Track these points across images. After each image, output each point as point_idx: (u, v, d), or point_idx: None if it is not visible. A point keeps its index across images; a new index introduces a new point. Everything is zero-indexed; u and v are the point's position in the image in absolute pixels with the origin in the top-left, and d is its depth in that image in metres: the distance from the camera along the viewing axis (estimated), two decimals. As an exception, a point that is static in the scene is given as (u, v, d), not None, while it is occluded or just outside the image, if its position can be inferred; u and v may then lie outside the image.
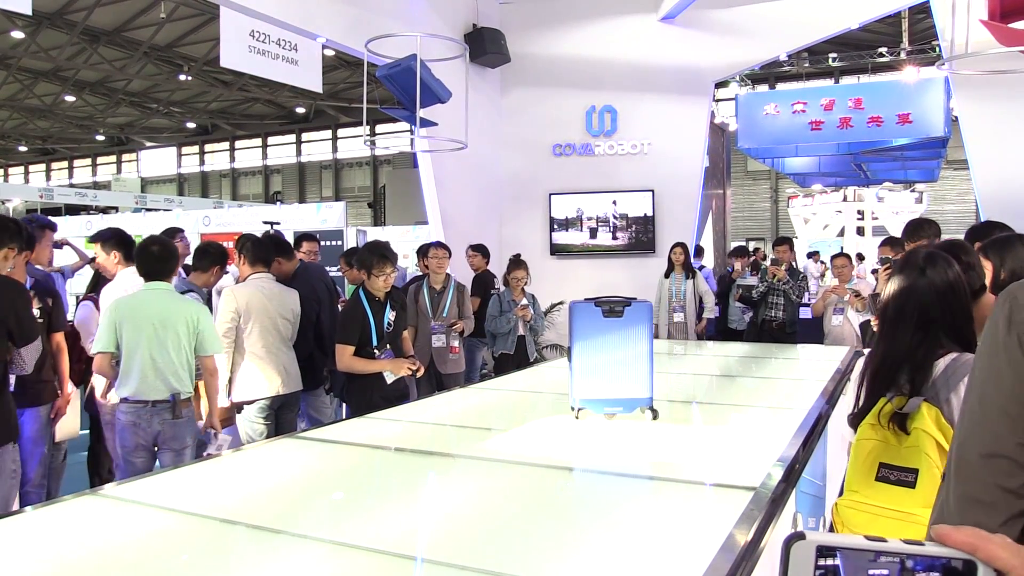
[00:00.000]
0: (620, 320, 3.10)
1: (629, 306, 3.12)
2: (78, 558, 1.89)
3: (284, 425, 4.77)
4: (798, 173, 18.74)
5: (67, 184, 42.14)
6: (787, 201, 26.43)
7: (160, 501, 2.27)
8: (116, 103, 32.56)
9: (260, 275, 4.83)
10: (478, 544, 1.94)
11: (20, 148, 40.95)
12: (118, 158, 43.87)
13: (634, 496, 2.40)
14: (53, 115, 33.88)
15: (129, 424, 3.93)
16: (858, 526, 2.13)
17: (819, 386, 4.02)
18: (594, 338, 3.10)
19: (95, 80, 30.02)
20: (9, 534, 2.05)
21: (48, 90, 30.44)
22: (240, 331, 4.63)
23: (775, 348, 6.44)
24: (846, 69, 26.29)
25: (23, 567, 1.83)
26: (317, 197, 37.26)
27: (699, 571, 1.68)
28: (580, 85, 9.67)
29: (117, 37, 25.24)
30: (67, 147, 42.40)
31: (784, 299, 7.83)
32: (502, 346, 6.48)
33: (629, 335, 3.10)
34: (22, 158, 44.26)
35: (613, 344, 3.09)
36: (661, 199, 9.47)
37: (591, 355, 3.11)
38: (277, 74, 7.76)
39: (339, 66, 26.27)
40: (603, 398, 3.12)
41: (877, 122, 12.04)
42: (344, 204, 16.54)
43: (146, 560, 1.87)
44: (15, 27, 22.91)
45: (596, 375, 3.09)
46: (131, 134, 39.35)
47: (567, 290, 6.86)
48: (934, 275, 2.20)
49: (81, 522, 2.14)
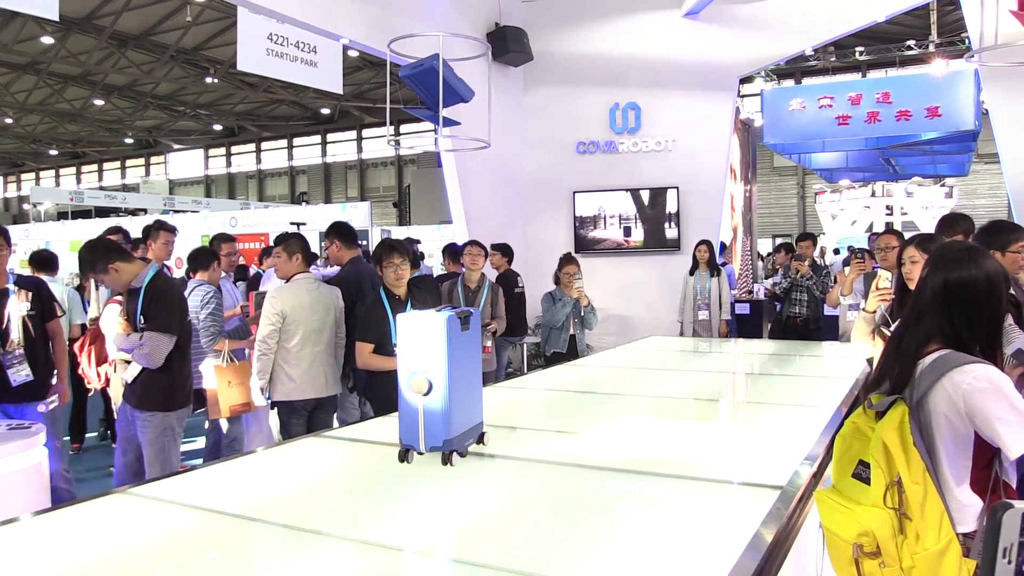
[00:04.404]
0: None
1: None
2: (108, 555, 1.91)
3: (318, 425, 4.76)
4: (825, 168, 18.57)
5: (97, 187, 42.76)
6: (814, 197, 26.20)
7: (187, 499, 2.30)
8: (144, 106, 32.94)
9: (305, 275, 4.84)
10: (504, 543, 1.93)
11: (51, 152, 41.55)
12: (147, 160, 44.38)
13: (660, 495, 2.39)
14: (83, 119, 34.34)
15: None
16: (823, 517, 2.11)
17: (846, 383, 3.98)
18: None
19: (123, 84, 30.38)
20: (38, 531, 2.09)
21: (78, 94, 30.86)
22: (282, 333, 4.64)
23: (800, 345, 6.37)
24: (873, 63, 25.98)
25: (53, 564, 1.85)
26: (343, 197, 37.46)
27: (725, 569, 1.67)
28: (603, 82, 9.65)
29: (144, 41, 25.52)
30: (97, 150, 42.96)
31: (808, 295, 7.75)
32: (555, 345, 6.45)
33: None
34: (53, 161, 44.92)
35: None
36: (686, 196, 9.43)
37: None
38: (296, 76, 7.79)
39: (363, 66, 26.40)
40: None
41: (906, 116, 11.87)
42: (369, 204, 16.63)
43: (174, 557, 1.89)
44: (45, 32, 23.24)
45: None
46: (159, 137, 39.78)
47: (593, 289, 6.84)
48: (944, 272, 2.16)
49: (110, 520, 2.17)
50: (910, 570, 1.95)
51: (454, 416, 2.41)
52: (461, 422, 2.47)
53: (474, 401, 2.62)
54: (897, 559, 1.96)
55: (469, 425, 2.55)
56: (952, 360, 2.05)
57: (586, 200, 9.77)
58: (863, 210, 22.91)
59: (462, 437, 2.49)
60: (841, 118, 12.38)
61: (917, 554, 1.95)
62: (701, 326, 8.09)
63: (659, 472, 2.52)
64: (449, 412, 2.39)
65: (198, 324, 5.01)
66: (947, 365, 2.05)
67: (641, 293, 9.51)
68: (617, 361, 5.34)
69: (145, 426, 4.15)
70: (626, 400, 3.94)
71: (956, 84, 11.90)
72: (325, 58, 7.97)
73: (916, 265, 3.48)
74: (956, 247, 2.27)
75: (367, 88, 30.14)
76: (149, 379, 4.12)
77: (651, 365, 5.29)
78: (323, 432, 3.29)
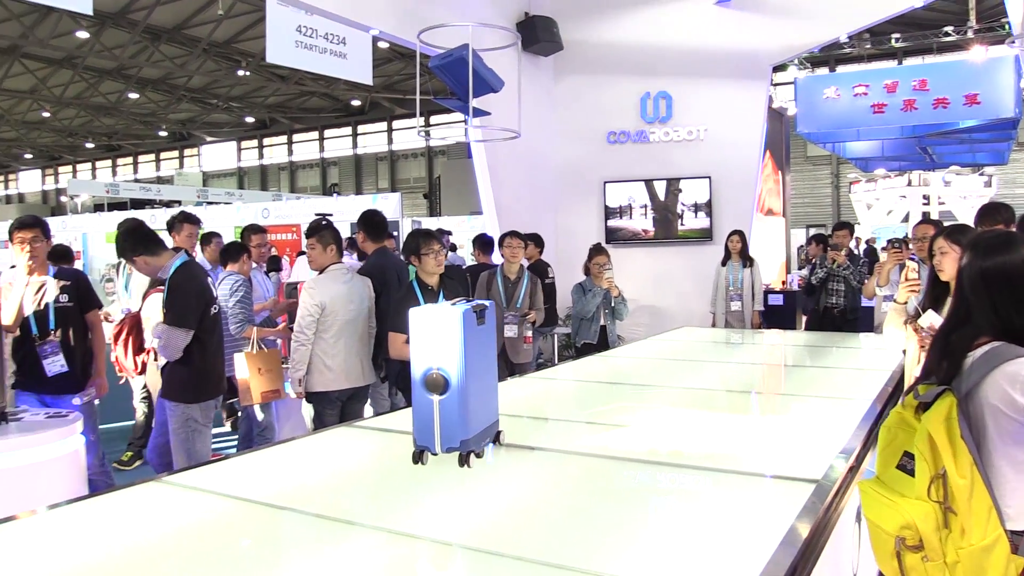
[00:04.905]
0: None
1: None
2: (143, 542, 1.93)
3: (350, 415, 4.79)
4: (860, 158, 18.29)
5: (132, 179, 43.31)
6: (849, 186, 25.82)
7: (221, 488, 2.32)
8: (177, 99, 33.30)
9: (339, 266, 4.85)
10: (535, 534, 1.92)
11: (87, 145, 42.20)
12: (180, 153, 44.89)
13: (692, 487, 2.36)
14: (118, 112, 34.79)
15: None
16: (865, 508, 2.07)
17: (882, 375, 3.92)
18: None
19: (157, 77, 30.72)
20: (74, 519, 2.11)
21: (112, 88, 31.25)
22: (319, 324, 4.66)
23: (835, 336, 6.29)
24: (910, 50, 25.50)
25: (89, 550, 1.87)
26: (373, 189, 37.62)
27: (760, 565, 1.65)
28: (634, 71, 9.56)
29: (177, 35, 25.78)
30: (132, 143, 43.49)
31: (845, 285, 7.63)
32: (585, 336, 6.43)
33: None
34: (89, 154, 45.60)
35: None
36: (718, 186, 9.33)
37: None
38: (325, 68, 7.80)
39: (393, 58, 26.43)
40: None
41: (943, 104, 11.67)
42: (399, 195, 16.64)
43: (207, 545, 1.91)
44: (80, 27, 23.56)
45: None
46: (192, 129, 40.22)
47: (623, 279, 6.80)
48: (980, 260, 2.09)
49: (145, 508, 2.20)
50: (954, 565, 1.90)
51: (471, 415, 2.29)
52: (478, 421, 2.36)
53: (490, 399, 2.50)
54: (941, 553, 1.91)
55: (486, 424, 2.44)
56: (1006, 352, 1.98)
57: (617, 190, 9.71)
58: (899, 200, 22.53)
59: (479, 437, 2.37)
60: (876, 106, 12.19)
61: (962, 549, 1.90)
62: (734, 317, 8.02)
63: (691, 464, 2.50)
64: (466, 411, 2.27)
65: (227, 312, 5.06)
66: (1000, 357, 1.97)
67: (673, 284, 9.44)
68: (649, 352, 5.31)
69: (170, 415, 4.26)
70: (658, 391, 3.92)
71: (996, 71, 11.66)
72: (355, 49, 7.98)
73: (946, 256, 3.41)
74: (992, 234, 2.21)
75: (397, 79, 30.18)
76: (172, 371, 4.22)
77: (683, 356, 5.25)
78: (355, 422, 3.30)
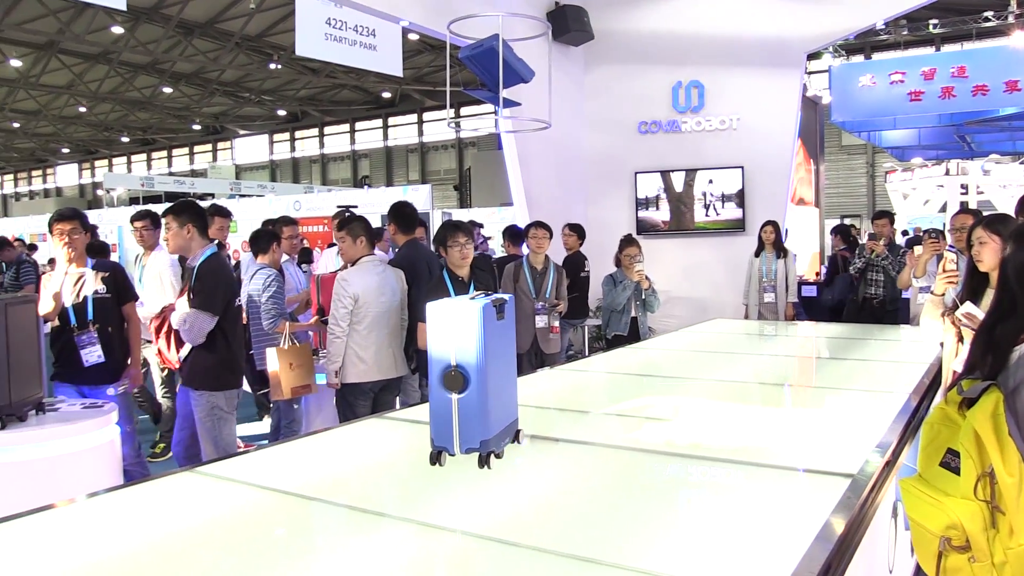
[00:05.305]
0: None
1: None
2: (175, 531, 1.94)
3: (382, 407, 4.79)
4: (896, 147, 18.00)
5: (167, 172, 43.85)
6: (884, 176, 25.44)
7: (252, 479, 2.33)
8: (210, 93, 33.65)
9: (371, 258, 4.87)
10: (566, 528, 1.91)
11: (123, 139, 42.79)
12: (213, 146, 45.37)
13: (724, 481, 2.33)
14: (152, 106, 35.25)
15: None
16: (907, 507, 2.02)
17: (919, 368, 3.85)
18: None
19: (190, 72, 31.06)
20: (109, 508, 2.14)
21: (147, 82, 31.65)
22: (352, 316, 4.69)
23: (870, 328, 6.20)
24: (948, 36, 25.00)
25: (124, 539, 1.89)
26: (404, 181, 37.74)
27: (793, 560, 1.62)
28: (666, 60, 9.47)
29: (210, 29, 26.03)
30: (166, 137, 44.06)
31: (884, 276, 7.50)
32: (615, 327, 6.41)
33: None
34: (125, 148, 46.24)
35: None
36: (751, 176, 9.23)
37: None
38: (355, 60, 7.79)
39: (423, 50, 26.46)
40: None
41: (983, 91, 11.43)
42: (430, 187, 16.69)
43: (239, 535, 1.92)
44: (115, 23, 23.87)
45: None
46: (225, 123, 40.63)
47: (655, 271, 6.75)
48: (1018, 252, 2.03)
49: (178, 498, 2.22)
50: (1002, 566, 1.85)
51: (492, 414, 2.20)
52: (498, 420, 2.27)
53: (510, 396, 2.41)
54: (988, 554, 1.86)
55: (506, 423, 2.35)
56: None
57: (648, 181, 9.64)
58: (936, 189, 22.13)
59: (500, 436, 2.28)
60: (913, 94, 11.98)
61: (1011, 549, 1.85)
62: (767, 309, 7.94)
63: (722, 458, 2.47)
64: (486, 410, 2.18)
65: (260, 307, 5.10)
66: None
67: (705, 275, 9.36)
68: (680, 344, 5.26)
69: (195, 404, 4.32)
70: (690, 384, 3.88)
71: (1038, 56, 11.41)
72: (384, 41, 7.96)
73: (984, 246, 3.33)
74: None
75: (427, 71, 30.23)
76: (196, 358, 4.29)
77: (715, 348, 5.20)
78: (386, 414, 3.31)
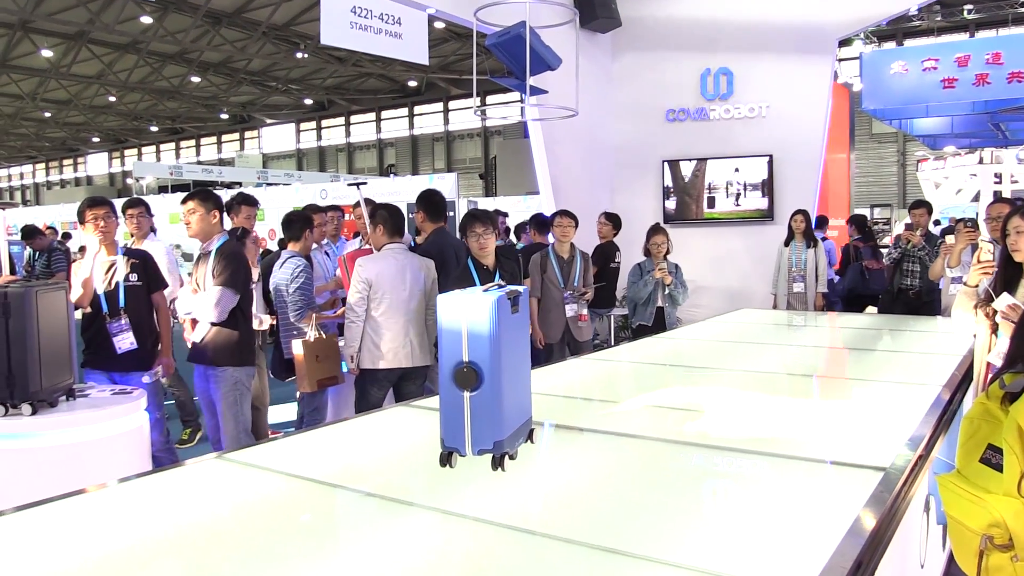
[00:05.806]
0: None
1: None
2: (204, 517, 1.96)
3: (406, 396, 4.74)
4: (928, 135, 17.76)
5: (195, 161, 44.29)
6: (916, 165, 25.07)
7: (279, 466, 2.34)
8: (238, 82, 33.88)
9: (394, 246, 4.86)
10: (592, 519, 1.90)
11: (152, 128, 43.23)
12: (241, 135, 45.72)
13: (753, 473, 2.31)
14: (180, 96, 35.55)
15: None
16: (946, 504, 1.98)
17: (953, 360, 3.79)
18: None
19: (218, 61, 31.30)
20: (138, 494, 2.15)
21: (175, 72, 31.93)
22: (369, 301, 4.69)
23: (902, 319, 6.12)
24: (982, 22, 24.59)
25: (153, 525, 1.90)
26: (430, 169, 37.83)
27: (824, 555, 1.60)
28: (694, 47, 9.37)
29: (237, 18, 26.18)
30: (194, 126, 44.45)
31: (920, 266, 7.38)
32: (640, 317, 6.38)
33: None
34: (154, 137, 46.73)
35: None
36: (780, 165, 9.12)
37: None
38: (381, 48, 7.75)
39: (449, 38, 26.44)
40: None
41: (1018, 78, 11.23)
42: (456, 175, 16.72)
43: (267, 522, 1.92)
44: (144, 12, 24.08)
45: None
46: (252, 112, 40.89)
47: (683, 260, 6.70)
48: None
49: (206, 484, 2.23)
50: None
51: (506, 413, 2.08)
52: (513, 419, 2.14)
53: (524, 394, 2.28)
54: None
55: (520, 421, 2.22)
56: None
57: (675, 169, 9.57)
58: (969, 178, 21.77)
59: (514, 436, 2.15)
60: (947, 81, 11.79)
61: None
62: (796, 299, 7.85)
63: (751, 450, 2.44)
64: (500, 408, 2.06)
65: (287, 297, 5.11)
66: None
67: (733, 264, 9.28)
68: (707, 334, 5.22)
69: (219, 382, 4.41)
70: (717, 374, 3.84)
71: (1075, 42, 11.19)
72: (410, 29, 7.93)
73: (1021, 236, 3.26)
74: None
75: (453, 60, 30.21)
76: (218, 336, 4.41)
77: (743, 338, 5.15)
78: (411, 402, 3.30)
